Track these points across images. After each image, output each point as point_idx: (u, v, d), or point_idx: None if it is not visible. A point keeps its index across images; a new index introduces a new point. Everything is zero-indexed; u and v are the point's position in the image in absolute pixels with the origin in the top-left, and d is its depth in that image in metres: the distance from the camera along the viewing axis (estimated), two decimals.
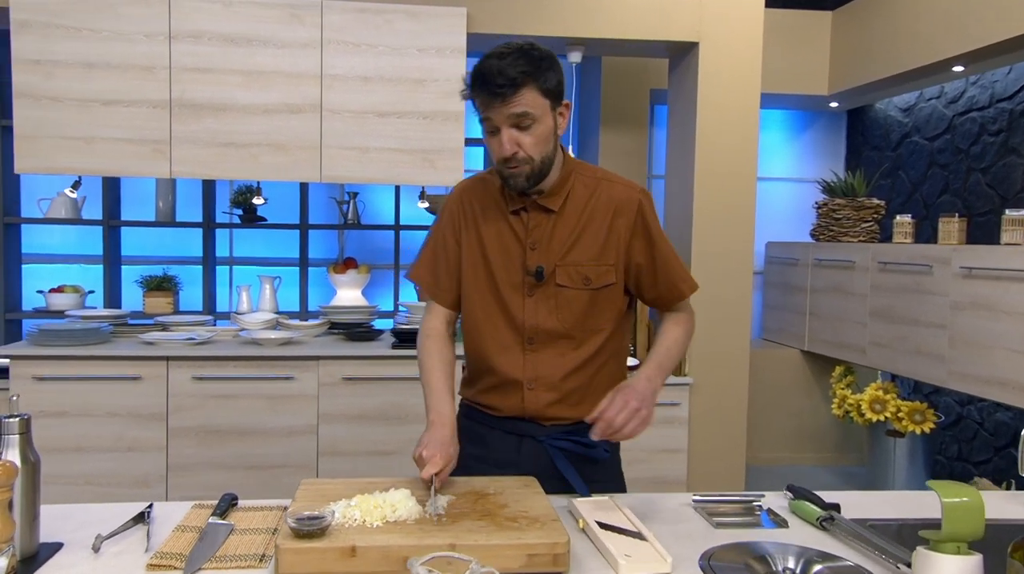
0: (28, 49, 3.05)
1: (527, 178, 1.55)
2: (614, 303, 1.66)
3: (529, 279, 1.62)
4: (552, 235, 1.62)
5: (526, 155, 1.53)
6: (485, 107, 1.51)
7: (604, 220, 1.63)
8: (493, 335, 1.66)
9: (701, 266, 3.60)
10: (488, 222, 1.66)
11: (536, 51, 1.52)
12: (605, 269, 1.63)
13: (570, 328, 1.63)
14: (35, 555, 1.28)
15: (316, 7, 3.19)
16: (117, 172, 3.16)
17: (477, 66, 1.51)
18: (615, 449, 1.78)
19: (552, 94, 1.53)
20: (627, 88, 4.50)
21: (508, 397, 1.67)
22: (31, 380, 3.00)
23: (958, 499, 1.08)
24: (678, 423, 3.54)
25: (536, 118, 1.51)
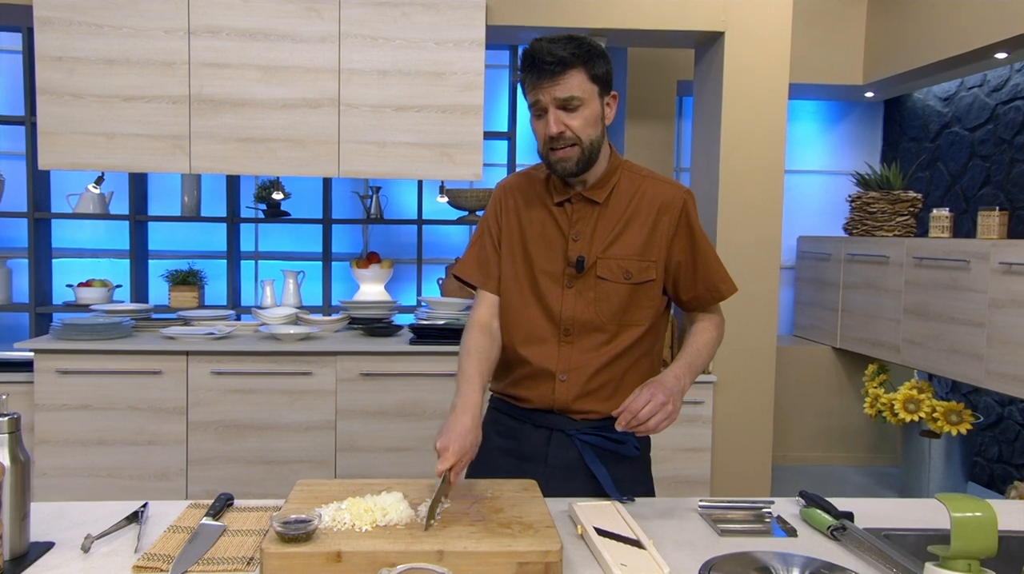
0: (50, 46, 3.08)
1: (576, 162, 1.56)
2: (652, 300, 1.65)
3: (570, 270, 1.62)
4: (596, 227, 1.62)
5: (573, 135, 1.54)
6: (533, 88, 1.53)
7: (648, 216, 1.63)
8: (529, 324, 1.66)
9: (726, 261, 3.46)
10: (531, 213, 1.67)
11: (588, 40, 1.56)
12: (647, 265, 1.62)
13: (607, 321, 1.62)
14: (25, 554, 1.28)
15: (334, 1, 3.17)
16: (138, 168, 3.18)
17: (528, 48, 1.54)
18: (646, 448, 1.75)
19: (600, 81, 1.55)
20: (653, 79, 4.41)
21: (539, 388, 1.66)
22: (55, 373, 3.04)
23: (969, 514, 1.01)
24: (702, 422, 3.46)
25: (583, 101, 1.52)
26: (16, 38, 3.84)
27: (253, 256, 4.32)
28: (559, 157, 1.56)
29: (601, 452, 1.65)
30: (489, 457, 1.68)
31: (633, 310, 1.64)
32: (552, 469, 1.64)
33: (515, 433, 1.71)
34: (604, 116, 1.59)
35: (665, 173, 4.48)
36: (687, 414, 3.43)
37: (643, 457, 1.74)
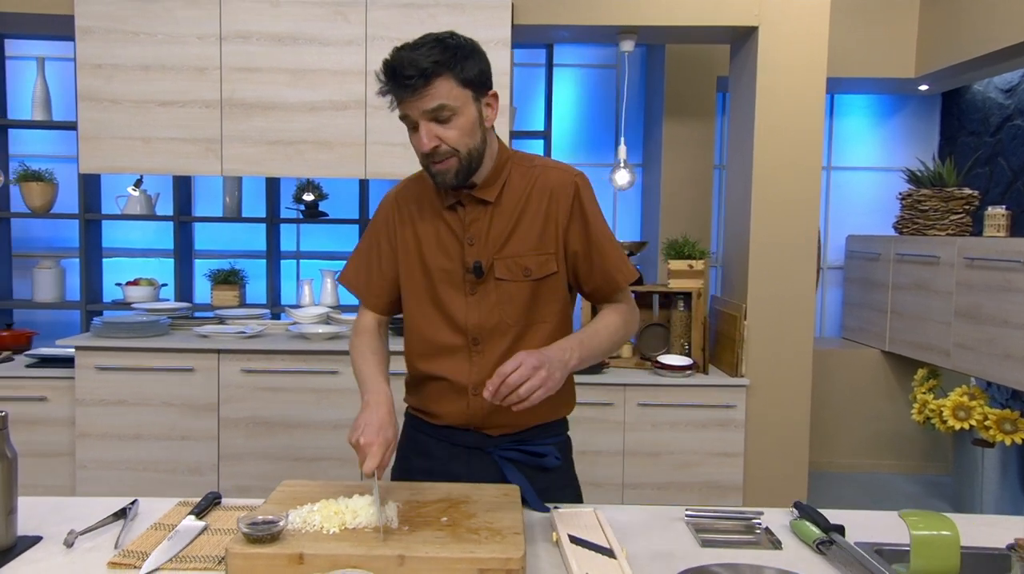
0: (91, 54, 3.20)
1: (456, 173, 1.47)
2: (557, 293, 1.58)
3: (469, 276, 1.54)
4: (490, 228, 1.55)
5: (450, 148, 1.44)
6: (399, 102, 1.45)
7: (540, 207, 1.55)
8: (436, 338, 1.58)
9: (759, 260, 3.43)
10: (425, 221, 1.59)
11: (453, 39, 1.44)
12: (545, 258, 1.55)
13: (513, 323, 1.55)
14: (12, 548, 1.33)
15: (361, 4, 3.21)
16: (173, 170, 3.28)
17: (387, 58, 1.43)
18: (566, 455, 1.69)
19: (473, 83, 1.45)
20: (692, 76, 4.33)
21: (452, 404, 1.59)
22: (94, 370, 3.16)
23: (929, 532, 0.96)
24: (733, 426, 3.38)
25: (456, 109, 1.43)
26: (69, 46, 4.00)
27: (294, 256, 4.40)
28: (438, 170, 1.47)
29: (522, 467, 1.58)
30: (409, 478, 1.63)
31: (538, 307, 1.56)
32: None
33: (432, 452, 1.64)
34: (483, 119, 1.49)
35: (704, 171, 4.42)
36: (717, 418, 3.36)
37: (565, 464, 1.66)
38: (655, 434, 3.37)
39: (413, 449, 1.68)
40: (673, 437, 3.38)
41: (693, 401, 3.37)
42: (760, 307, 3.45)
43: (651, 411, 3.37)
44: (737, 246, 3.61)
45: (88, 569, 1.26)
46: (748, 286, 3.46)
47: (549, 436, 1.64)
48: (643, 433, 3.37)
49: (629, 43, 3.51)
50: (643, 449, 3.38)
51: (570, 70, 4.65)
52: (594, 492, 3.37)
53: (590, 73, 4.67)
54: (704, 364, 3.51)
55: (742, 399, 3.39)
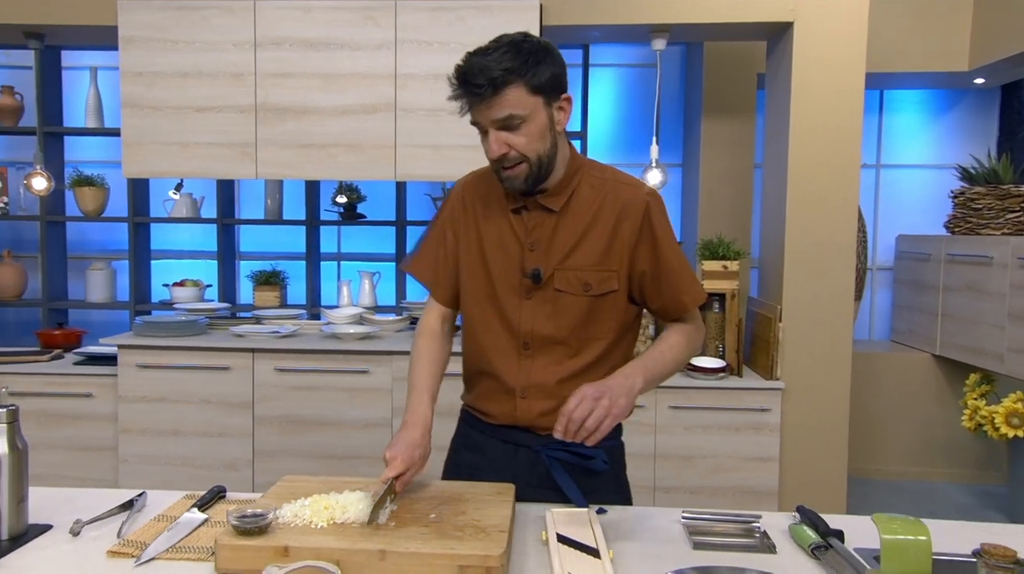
0: (133, 63, 3.31)
1: (525, 179, 1.47)
2: (616, 311, 1.56)
3: (526, 282, 1.54)
4: (553, 236, 1.53)
5: (519, 154, 1.44)
6: (470, 108, 1.46)
7: (608, 222, 1.53)
8: (489, 339, 1.59)
9: (795, 261, 3.35)
10: (489, 220, 1.59)
11: (527, 43, 1.43)
12: (607, 275, 1.53)
13: (567, 335, 1.54)
14: (23, 534, 1.38)
15: (390, 8, 3.25)
16: (210, 174, 3.37)
17: (459, 64, 1.44)
18: (617, 460, 1.67)
19: (545, 89, 1.43)
20: (732, 73, 4.25)
21: (501, 404, 1.60)
22: (135, 367, 3.27)
23: (900, 537, 0.93)
24: (768, 430, 3.31)
25: (525, 117, 1.42)
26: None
27: (335, 257, 4.48)
28: (507, 175, 1.47)
29: (569, 467, 1.57)
30: (458, 473, 1.66)
31: (595, 323, 1.55)
32: (520, 485, 1.57)
33: (483, 448, 1.66)
34: (554, 124, 1.47)
35: (743, 170, 4.34)
36: (751, 421, 3.30)
37: (613, 469, 1.64)
38: (687, 437, 3.32)
39: (465, 444, 1.71)
40: (706, 440, 3.32)
41: (726, 404, 3.32)
42: (796, 309, 3.37)
43: (683, 414, 3.32)
44: (772, 247, 3.54)
45: (89, 557, 1.31)
46: (783, 287, 3.39)
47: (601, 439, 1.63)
48: (675, 436, 3.33)
49: (661, 42, 3.47)
50: (675, 452, 3.34)
51: (610, 70, 4.62)
52: None
53: (629, 72, 4.63)
54: (738, 366, 3.45)
55: (777, 402, 3.32)
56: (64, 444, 3.36)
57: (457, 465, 1.70)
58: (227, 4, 3.27)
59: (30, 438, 3.46)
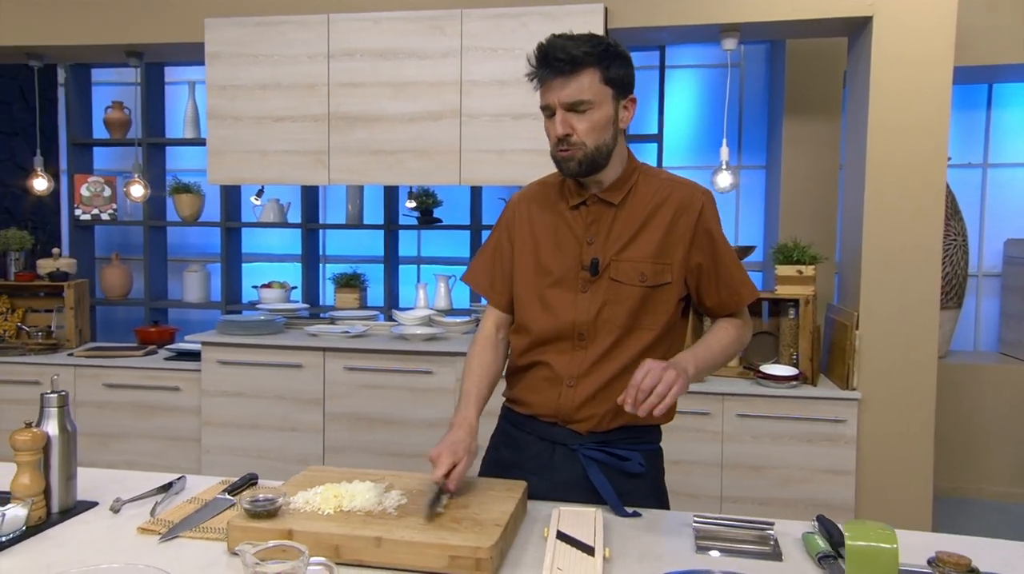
0: (218, 76, 3.53)
1: (579, 162, 1.53)
2: (667, 304, 1.60)
3: (584, 273, 1.59)
4: (611, 229, 1.60)
5: (579, 140, 1.51)
6: (544, 87, 1.52)
7: (665, 218, 1.59)
8: (542, 330, 1.63)
9: (873, 266, 3.21)
10: (544, 220, 1.66)
11: (608, 41, 1.53)
12: (662, 267, 1.58)
13: (618, 325, 1.59)
14: (71, 509, 1.51)
15: (456, 17, 3.32)
16: (286, 181, 3.54)
17: (542, 43, 1.52)
18: (654, 465, 1.69)
19: (616, 83, 1.52)
20: (815, 72, 4.10)
21: (545, 393, 1.64)
22: (216, 364, 3.47)
23: (865, 543, 0.90)
24: (844, 442, 3.18)
25: (593, 104, 1.49)
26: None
27: (415, 261, 4.61)
28: (563, 156, 1.54)
29: (606, 468, 1.59)
30: (497, 470, 1.69)
31: (646, 314, 1.59)
32: (556, 483, 1.60)
33: (520, 445, 1.69)
34: (619, 120, 1.55)
35: (829, 171, 4.17)
36: (826, 432, 3.17)
37: (650, 474, 1.65)
38: (756, 447, 3.23)
39: (503, 441, 1.75)
40: (776, 451, 3.22)
41: (798, 414, 3.20)
42: (875, 316, 3.22)
43: (751, 422, 3.23)
44: (851, 251, 3.40)
45: (122, 532, 1.42)
46: (860, 293, 3.24)
47: (639, 443, 1.65)
48: (743, 445, 3.24)
49: (731, 41, 3.40)
50: (743, 462, 3.25)
51: (690, 71, 4.55)
52: (690, 503, 3.28)
53: (711, 73, 4.54)
54: (813, 375, 3.32)
55: (853, 414, 3.18)
56: (155, 434, 3.60)
57: (496, 462, 1.74)
58: (303, 18, 3.43)
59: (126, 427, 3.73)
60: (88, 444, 3.64)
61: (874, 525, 0.91)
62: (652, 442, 1.68)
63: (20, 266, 3.98)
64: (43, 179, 4.03)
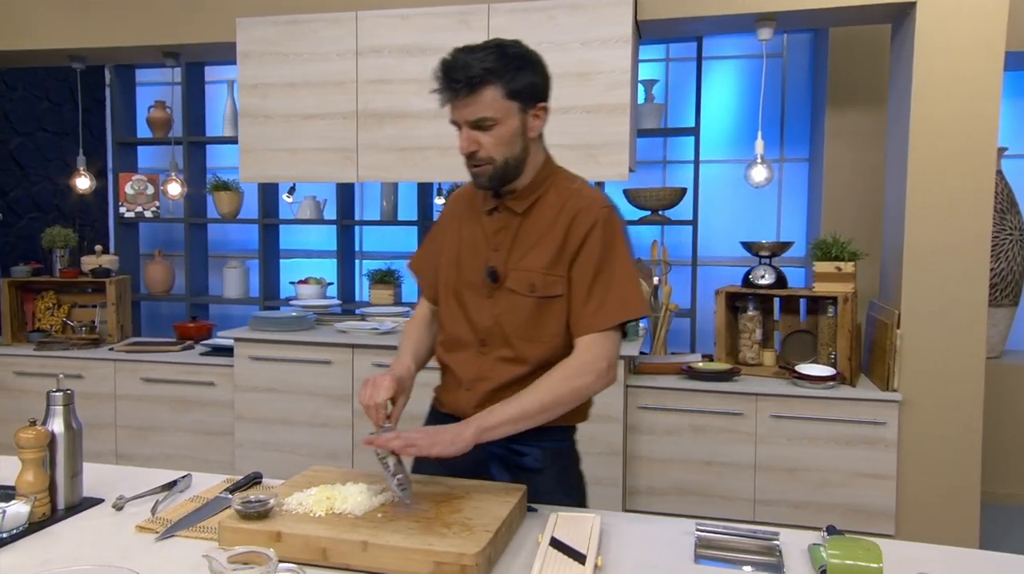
0: (249, 75, 3.56)
1: (489, 178, 1.55)
2: (560, 316, 1.59)
3: (487, 280, 1.61)
4: (515, 238, 1.61)
5: (487, 155, 1.52)
6: (449, 104, 1.53)
7: (561, 230, 1.58)
8: (453, 333, 1.67)
9: (916, 263, 3.08)
10: (468, 222, 1.68)
11: (513, 49, 1.51)
12: (553, 279, 1.57)
13: (512, 334, 1.60)
14: (76, 506, 1.53)
15: (483, 11, 3.29)
16: (315, 178, 3.56)
17: (444, 58, 1.51)
18: (559, 463, 1.68)
19: (521, 95, 1.51)
20: (859, 61, 3.96)
21: (453, 393, 1.69)
22: (248, 359, 3.51)
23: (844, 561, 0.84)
24: (883, 445, 3.07)
25: (497, 120, 1.49)
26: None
27: None
28: (474, 172, 1.56)
29: (506, 463, 1.64)
30: (425, 463, 1.66)
31: (538, 326, 1.58)
32: (458, 475, 1.60)
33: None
34: (526, 130, 1.54)
35: (872, 165, 4.02)
36: (865, 435, 3.07)
37: (550, 470, 1.65)
38: (791, 449, 3.14)
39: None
40: (812, 453, 3.13)
41: (835, 415, 3.10)
42: (917, 315, 3.10)
43: (786, 423, 3.14)
44: (893, 247, 3.27)
45: (122, 529, 1.43)
46: (902, 291, 3.12)
47: (541, 440, 1.64)
48: (777, 447, 3.15)
49: (767, 31, 3.30)
50: (777, 464, 3.16)
51: (732, 62, 4.43)
52: (722, 505, 3.21)
53: (753, 64, 4.42)
54: (851, 376, 3.21)
55: (894, 416, 3.07)
56: (190, 427, 3.66)
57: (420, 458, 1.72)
58: (332, 16, 3.45)
59: (163, 421, 3.80)
60: (127, 437, 3.73)
61: (860, 542, 0.86)
62: (556, 440, 1.67)
63: (65, 263, 4.10)
64: (86, 178, 4.14)
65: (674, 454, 3.24)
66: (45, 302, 4.07)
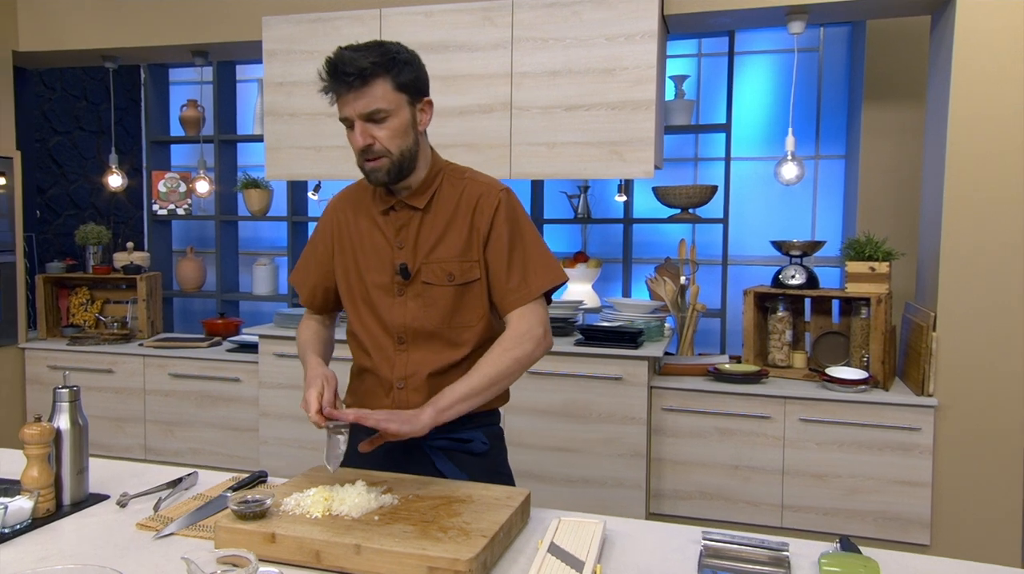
0: (275, 73, 3.57)
1: (387, 172, 1.57)
2: (481, 298, 1.65)
3: (397, 278, 1.63)
4: (419, 233, 1.64)
5: (383, 147, 1.54)
6: (340, 101, 1.54)
7: (467, 216, 1.63)
8: (367, 337, 1.69)
9: (953, 264, 2.97)
10: (360, 226, 1.69)
11: (393, 46, 1.56)
12: (469, 265, 1.63)
13: (437, 325, 1.63)
14: (81, 502, 1.53)
15: (507, 7, 3.25)
16: (338, 176, 3.55)
17: (330, 57, 1.53)
18: (496, 444, 1.74)
19: (408, 88, 1.56)
20: (898, 54, 3.84)
21: (381, 399, 1.68)
22: (272, 356, 3.53)
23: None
24: (918, 451, 2.97)
25: (390, 112, 1.53)
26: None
27: None
28: (371, 167, 1.57)
29: (451, 454, 1.66)
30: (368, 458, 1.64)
31: (462, 312, 1.64)
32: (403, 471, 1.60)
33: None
34: (416, 123, 1.59)
35: (911, 161, 3.89)
36: (898, 441, 2.97)
37: (494, 450, 1.72)
38: (820, 453, 3.06)
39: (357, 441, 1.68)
40: (842, 458, 3.04)
41: (866, 420, 3.01)
42: (954, 317, 2.99)
43: (815, 428, 3.06)
44: (929, 247, 3.16)
45: (122, 527, 1.43)
46: (938, 293, 3.01)
47: (478, 426, 1.70)
48: (806, 452, 3.07)
49: (799, 24, 3.21)
50: (806, 469, 3.08)
51: (766, 57, 4.33)
52: (749, 511, 3.14)
53: (789, 58, 4.32)
54: (885, 380, 3.12)
55: (929, 421, 2.97)
56: (217, 423, 3.69)
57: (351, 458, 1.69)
58: (356, 13, 3.44)
59: (190, 416, 3.83)
60: (155, 431, 3.77)
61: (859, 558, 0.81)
62: (492, 423, 1.74)
63: (98, 259, 4.17)
64: (117, 176, 4.20)
65: (699, 457, 3.18)
66: (79, 298, 4.14)
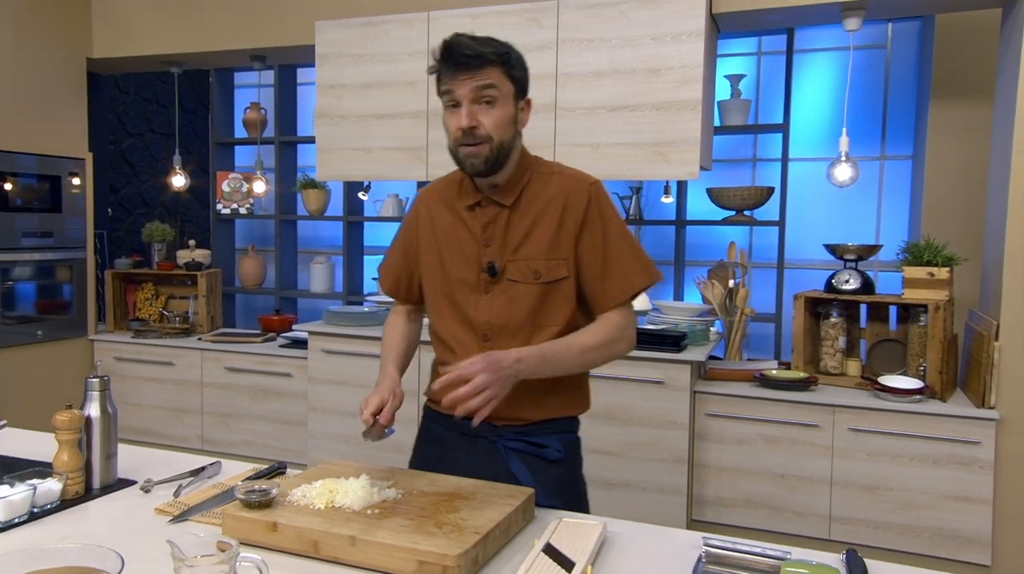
0: (327, 76, 3.66)
1: (485, 160, 1.53)
2: (567, 298, 1.61)
3: (484, 276, 1.61)
4: (506, 230, 1.61)
5: (486, 132, 1.51)
6: (450, 79, 1.51)
7: (556, 213, 1.59)
8: (450, 332, 1.67)
9: (1017, 270, 2.82)
10: (447, 222, 1.67)
11: (508, 45, 1.56)
12: (556, 263, 1.59)
13: (521, 324, 1.60)
14: (110, 486, 1.60)
15: (553, 8, 3.25)
16: (386, 176, 3.61)
17: (447, 39, 1.52)
18: (573, 454, 1.70)
19: (518, 83, 1.56)
20: (967, 50, 3.67)
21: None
22: (321, 352, 3.61)
23: None
24: (978, 466, 2.83)
25: (499, 97, 1.51)
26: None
27: None
28: (468, 153, 1.53)
29: (525, 457, 1.62)
30: (421, 465, 1.70)
31: (546, 311, 1.60)
32: (482, 477, 1.58)
33: (442, 440, 1.71)
34: (518, 120, 1.58)
35: (978, 160, 3.71)
36: (956, 454, 2.85)
37: (568, 461, 1.67)
38: (872, 465, 2.95)
39: (426, 437, 1.77)
40: (895, 471, 2.92)
41: (922, 432, 2.89)
42: (1018, 326, 2.84)
43: (866, 438, 2.95)
44: (993, 252, 3.01)
45: (142, 511, 1.48)
46: (1002, 301, 2.87)
47: (555, 432, 1.66)
48: (856, 462, 2.97)
49: (854, 21, 3.10)
50: (856, 480, 2.98)
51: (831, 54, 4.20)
52: (795, 521, 3.05)
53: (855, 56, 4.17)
54: (943, 390, 2.98)
55: (990, 435, 2.83)
56: (268, 416, 3.80)
57: (421, 458, 1.77)
58: (405, 17, 3.49)
59: (244, 409, 3.95)
60: (212, 423, 3.91)
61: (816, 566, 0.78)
62: (569, 430, 1.70)
63: (162, 256, 4.34)
64: (180, 176, 4.36)
65: (744, 464, 3.11)
66: (144, 293, 4.32)
